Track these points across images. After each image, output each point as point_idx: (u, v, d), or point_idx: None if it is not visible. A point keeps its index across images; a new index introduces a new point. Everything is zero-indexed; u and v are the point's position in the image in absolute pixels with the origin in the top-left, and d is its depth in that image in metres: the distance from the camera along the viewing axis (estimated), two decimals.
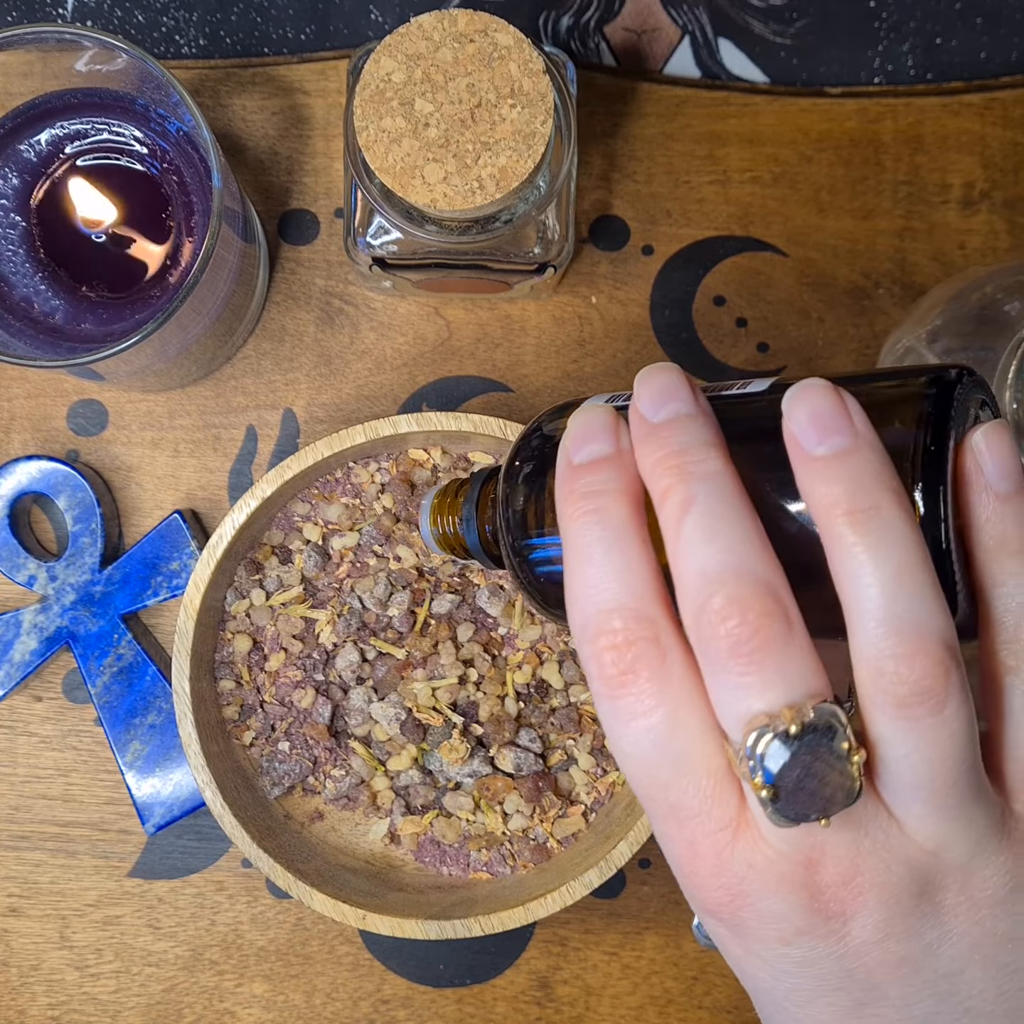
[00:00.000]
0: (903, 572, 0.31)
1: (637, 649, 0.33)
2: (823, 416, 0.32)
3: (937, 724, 0.31)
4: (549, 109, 0.45)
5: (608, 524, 0.33)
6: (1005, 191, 0.59)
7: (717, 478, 0.32)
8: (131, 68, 0.49)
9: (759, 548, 0.32)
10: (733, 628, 0.31)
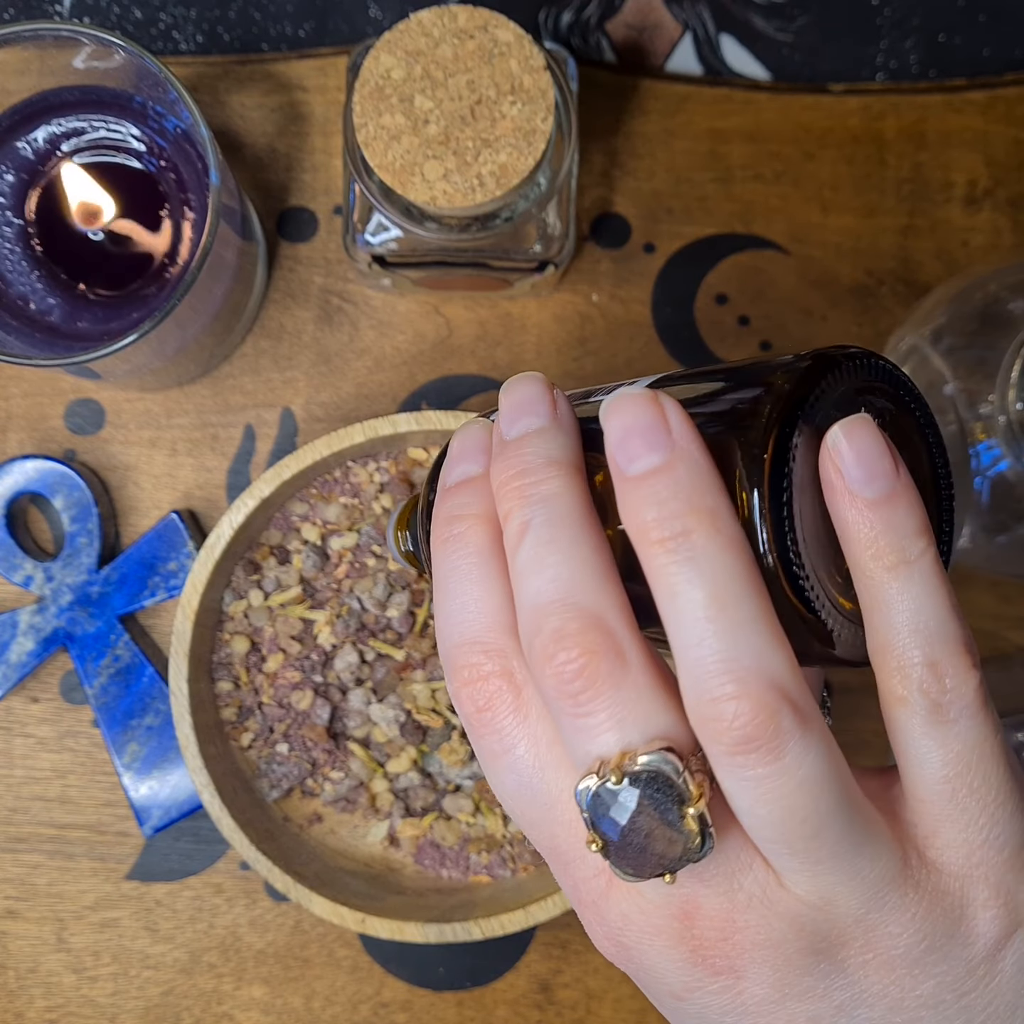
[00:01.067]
0: (718, 604, 0.27)
1: (491, 685, 0.31)
2: (635, 430, 0.29)
3: (775, 773, 0.28)
4: (550, 106, 0.45)
5: (465, 550, 0.31)
6: (1008, 189, 0.59)
7: (554, 500, 0.30)
8: (129, 65, 0.49)
9: (591, 576, 0.29)
10: (559, 666, 0.28)
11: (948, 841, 0.30)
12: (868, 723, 0.58)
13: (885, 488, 0.29)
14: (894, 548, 0.29)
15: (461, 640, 0.31)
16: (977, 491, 0.50)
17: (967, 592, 0.58)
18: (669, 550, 0.28)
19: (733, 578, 0.28)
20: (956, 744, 0.30)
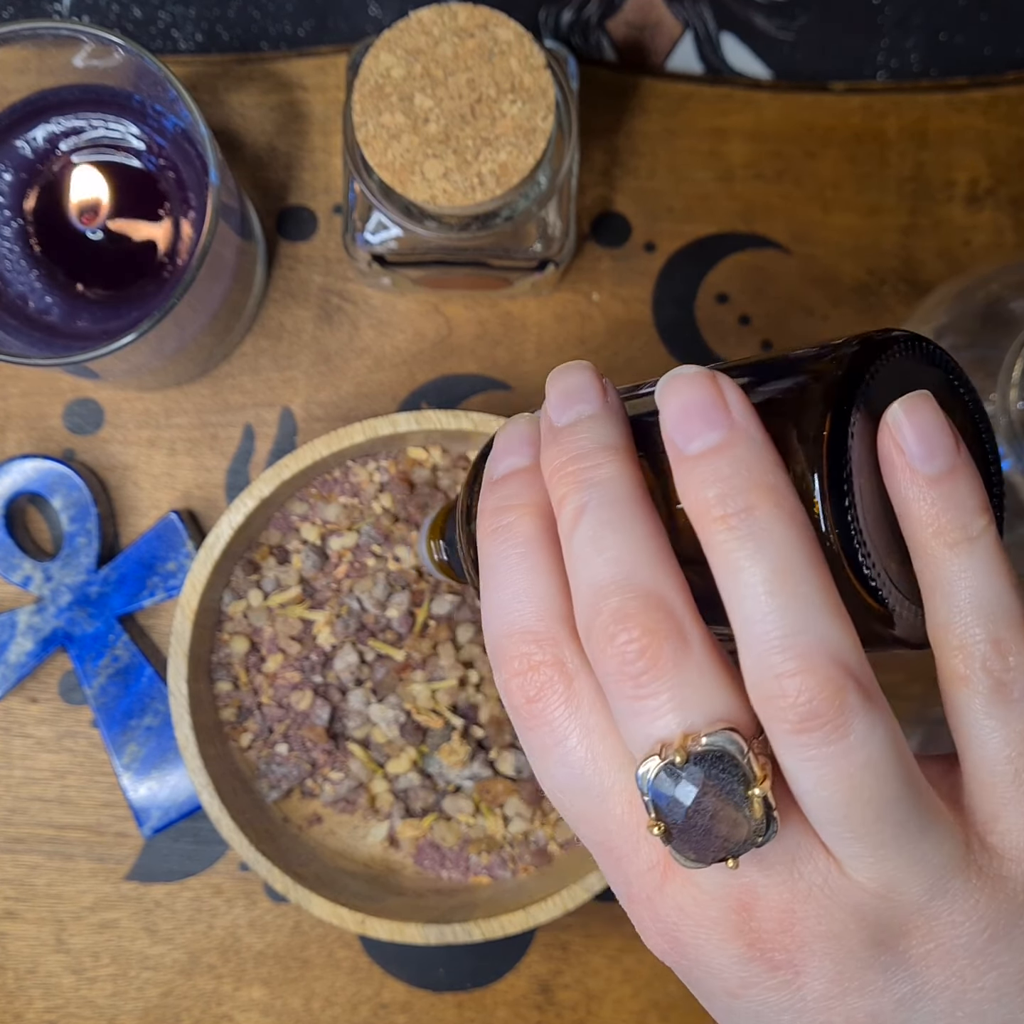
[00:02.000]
0: (780, 579, 0.27)
1: (542, 675, 0.30)
2: (694, 408, 0.29)
3: (840, 752, 0.27)
4: (550, 105, 0.45)
5: (515, 540, 0.31)
6: (1010, 188, 0.59)
7: (610, 484, 0.30)
8: (128, 64, 0.48)
9: (654, 559, 0.29)
10: (620, 646, 0.28)
11: (1010, 825, 0.29)
12: None
13: (947, 464, 0.29)
14: (956, 525, 0.29)
15: (511, 630, 0.31)
16: None
17: None
18: (731, 527, 0.28)
19: (796, 554, 0.27)
20: (1020, 724, 0.29)
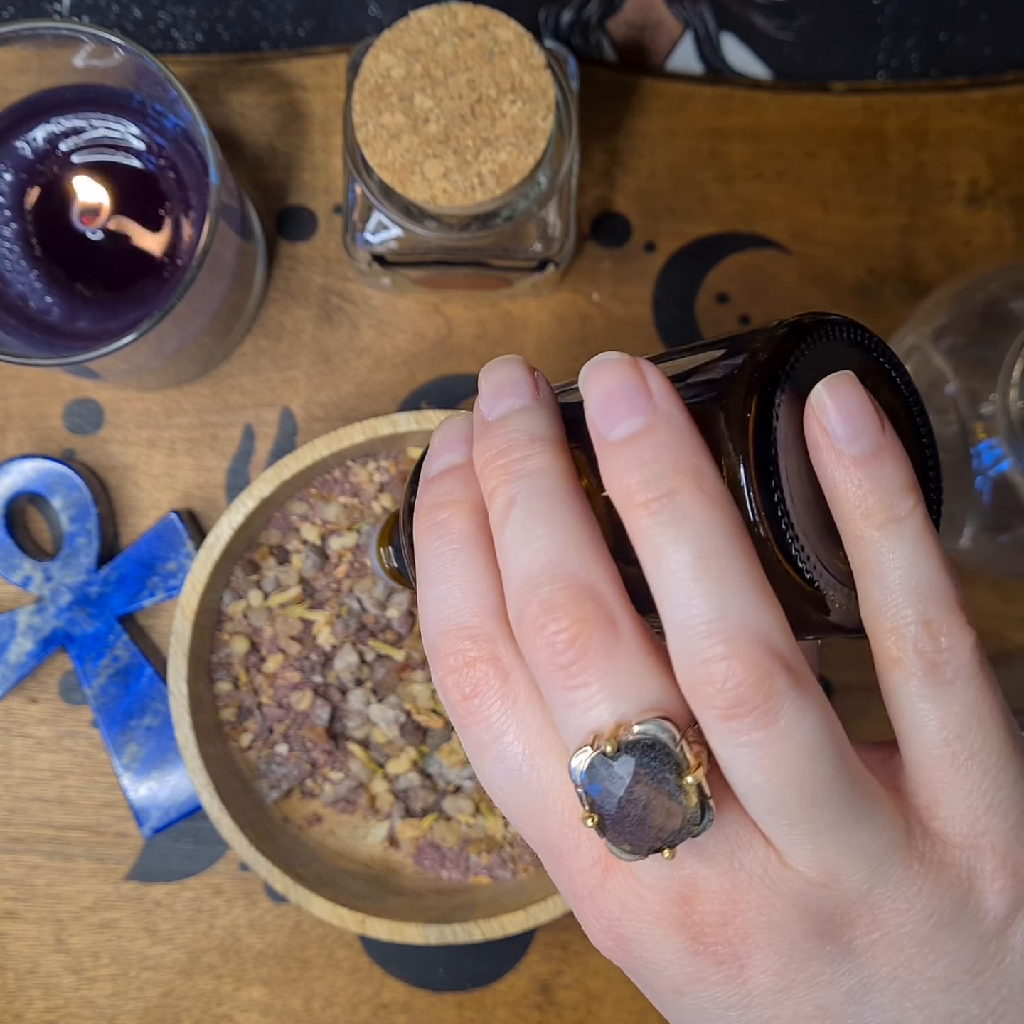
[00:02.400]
0: (704, 565, 0.27)
1: (477, 671, 0.30)
2: (616, 394, 0.29)
3: (771, 738, 0.27)
4: (550, 105, 0.45)
5: (449, 537, 0.31)
6: (1010, 188, 0.59)
7: (539, 475, 0.29)
8: (128, 64, 0.48)
9: (580, 547, 0.28)
10: (550, 636, 0.28)
11: (951, 810, 0.29)
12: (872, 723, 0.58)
13: (871, 445, 0.28)
14: (883, 506, 0.28)
15: (446, 627, 0.30)
16: (978, 491, 0.50)
17: (968, 592, 0.58)
18: (654, 511, 0.27)
19: (720, 537, 0.27)
20: (954, 705, 0.29)
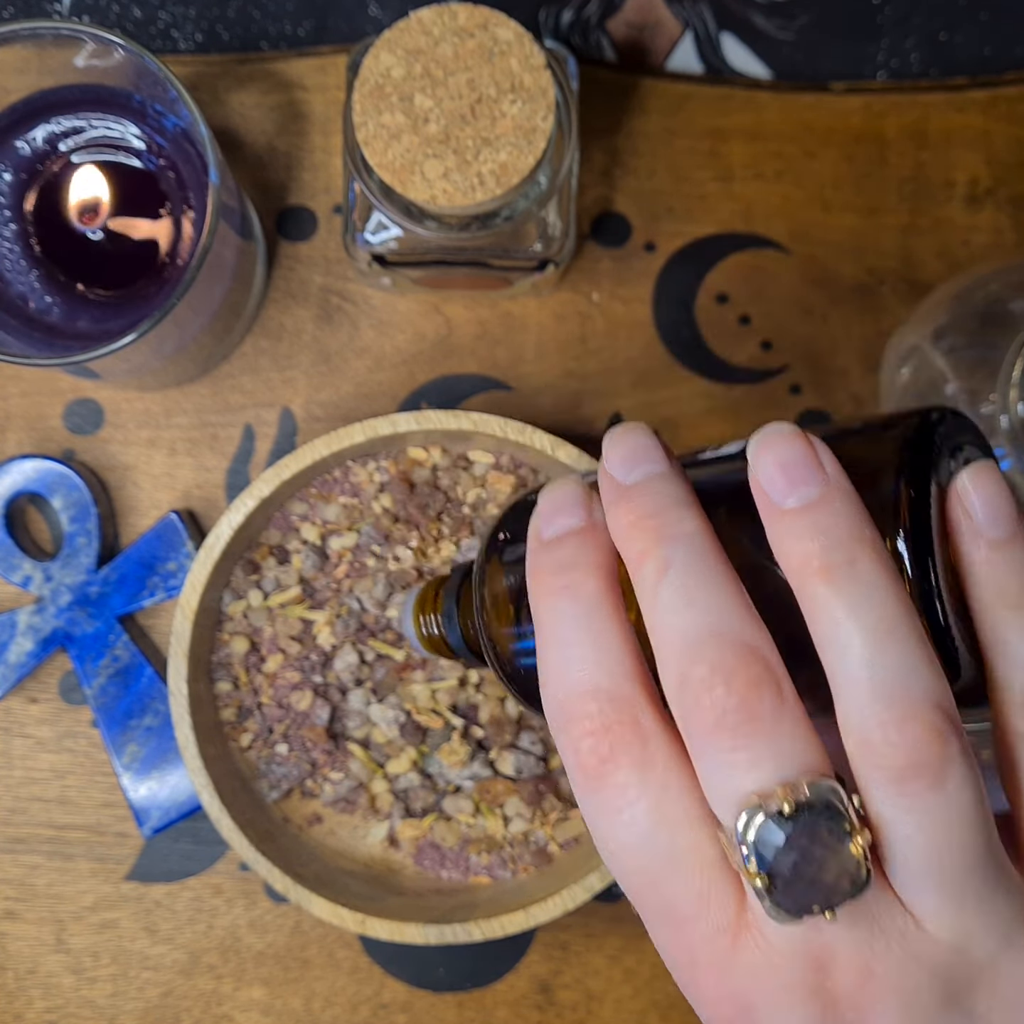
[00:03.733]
0: (885, 629, 0.28)
1: (615, 735, 0.30)
2: (790, 464, 0.30)
3: (940, 801, 0.27)
4: (550, 105, 0.45)
5: (579, 600, 0.31)
6: (1010, 188, 0.59)
7: (694, 539, 0.30)
8: (128, 64, 0.48)
9: (743, 612, 0.29)
10: (718, 699, 0.28)
11: None
12: None
13: (1009, 530, 0.30)
14: (1018, 588, 0.30)
15: (581, 689, 0.30)
16: None
17: None
18: (832, 579, 0.28)
19: (896, 605, 0.28)
20: None
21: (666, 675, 0.30)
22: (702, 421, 0.58)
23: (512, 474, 0.56)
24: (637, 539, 0.31)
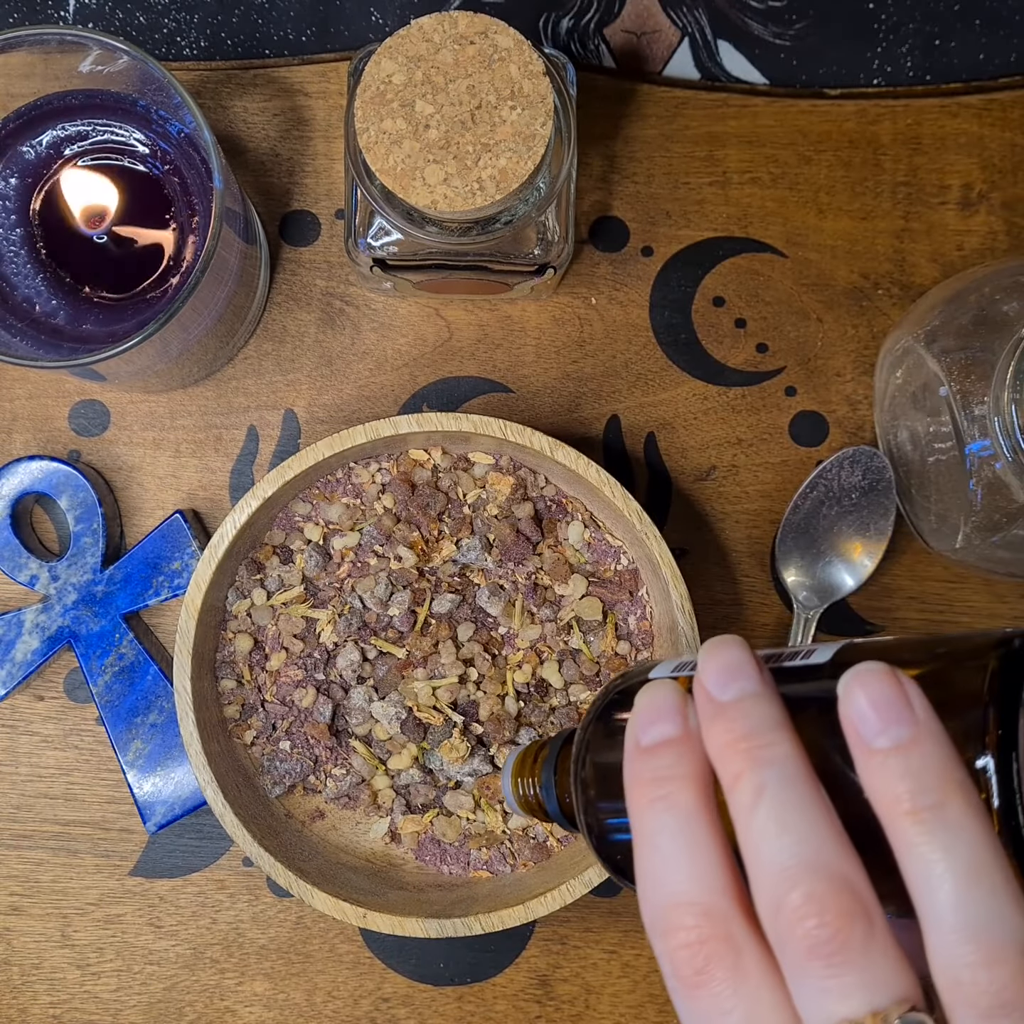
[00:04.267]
0: (973, 873, 0.29)
1: (710, 948, 0.31)
2: (881, 704, 0.31)
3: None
4: (549, 111, 0.46)
5: (677, 812, 0.32)
6: (1003, 192, 0.59)
7: (787, 763, 0.31)
8: (132, 70, 0.49)
9: (835, 840, 0.30)
10: (812, 929, 0.29)
11: None
12: None
13: None
14: None
15: (677, 901, 0.32)
16: (972, 492, 0.50)
17: (961, 592, 0.59)
18: (922, 820, 0.29)
19: (984, 849, 0.29)
20: None
21: (761, 899, 0.31)
22: (699, 423, 0.59)
23: (512, 475, 0.56)
24: (732, 760, 0.32)
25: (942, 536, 0.55)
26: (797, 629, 0.57)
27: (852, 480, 0.57)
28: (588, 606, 0.56)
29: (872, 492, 0.57)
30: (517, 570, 0.56)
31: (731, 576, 0.59)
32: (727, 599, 0.59)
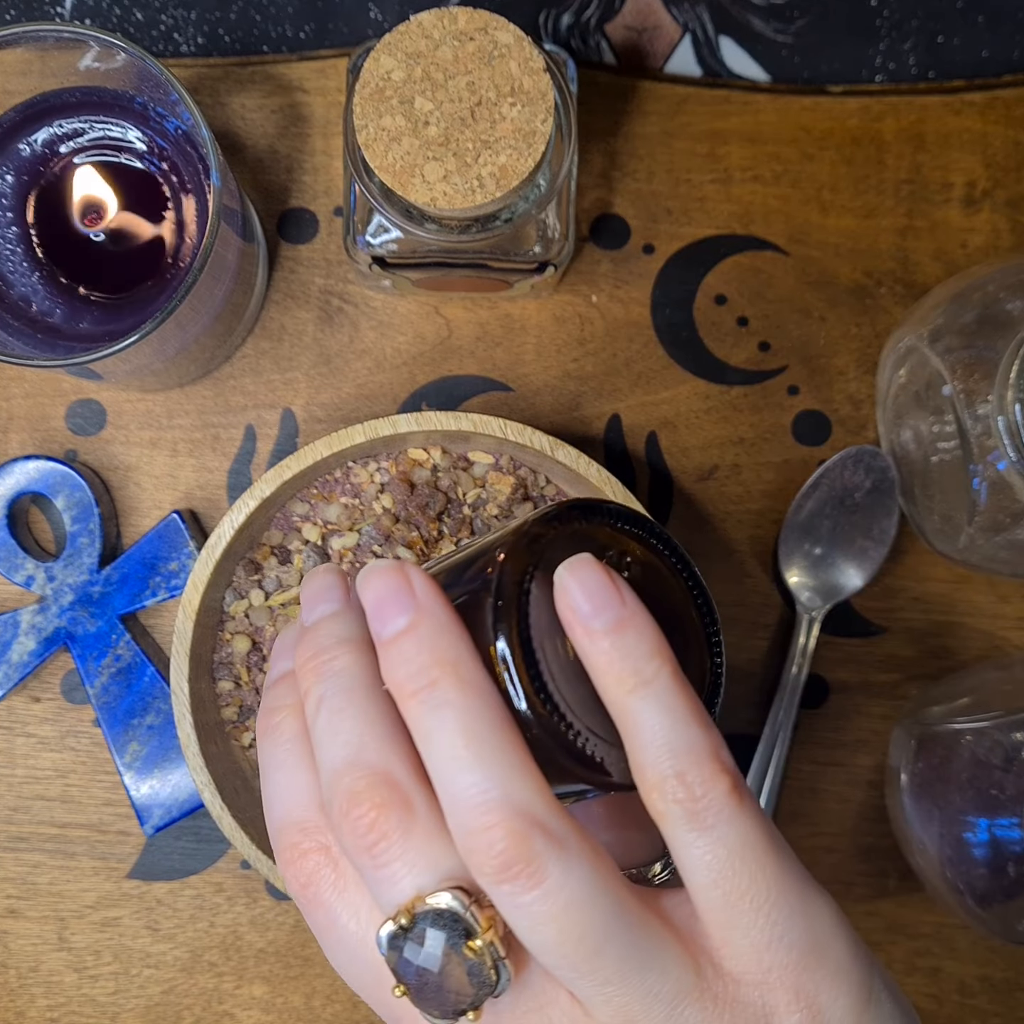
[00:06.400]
0: (463, 744, 0.30)
1: (311, 862, 0.33)
2: (383, 599, 0.33)
3: (540, 897, 0.29)
4: (549, 107, 0.45)
5: (280, 739, 0.35)
6: (1007, 190, 0.59)
7: (343, 673, 0.33)
8: (130, 66, 0.49)
9: (378, 737, 0.32)
10: (353, 822, 0.31)
11: (736, 949, 0.31)
12: (867, 722, 0.58)
13: (612, 618, 0.31)
14: (630, 671, 0.31)
15: (281, 823, 0.34)
16: (975, 491, 0.50)
17: (965, 592, 0.58)
18: (421, 700, 0.31)
19: (477, 720, 0.30)
20: (719, 848, 0.31)
21: (324, 805, 0.32)
22: (700, 422, 0.58)
23: (512, 475, 0.56)
24: (302, 679, 0.34)
25: (945, 536, 0.55)
26: (800, 630, 0.57)
27: (855, 480, 0.57)
28: None
29: (875, 492, 0.57)
30: None
31: (733, 576, 0.58)
32: (729, 599, 0.58)
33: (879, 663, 0.58)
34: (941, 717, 0.54)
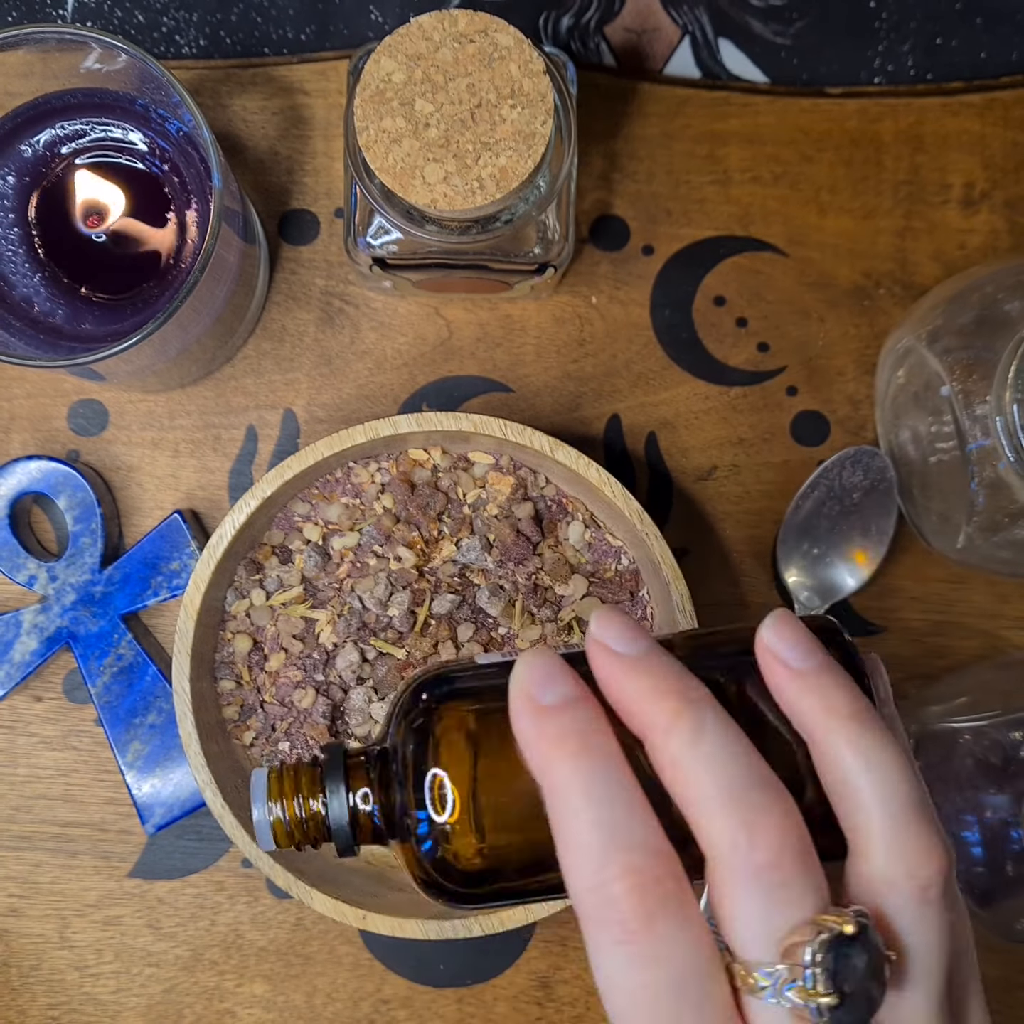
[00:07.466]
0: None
1: (663, 888, 0.31)
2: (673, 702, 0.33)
3: None
4: (549, 109, 0.45)
5: (601, 761, 0.33)
6: (1006, 191, 0.59)
7: (719, 708, 0.33)
8: (131, 68, 0.49)
9: (757, 770, 0.33)
10: (763, 852, 0.31)
11: None
12: None
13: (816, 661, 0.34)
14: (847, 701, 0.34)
15: (624, 844, 0.31)
16: (975, 492, 0.50)
17: (963, 592, 0.59)
18: None
19: None
20: None
21: (708, 831, 0.32)
22: (700, 422, 0.59)
23: (512, 475, 0.56)
24: (666, 700, 0.33)
25: (944, 536, 0.55)
26: None
27: (854, 480, 0.57)
28: (589, 606, 0.56)
29: (874, 492, 0.57)
30: (517, 570, 0.56)
31: (732, 576, 0.59)
32: (728, 599, 0.59)
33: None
34: (939, 716, 0.54)
